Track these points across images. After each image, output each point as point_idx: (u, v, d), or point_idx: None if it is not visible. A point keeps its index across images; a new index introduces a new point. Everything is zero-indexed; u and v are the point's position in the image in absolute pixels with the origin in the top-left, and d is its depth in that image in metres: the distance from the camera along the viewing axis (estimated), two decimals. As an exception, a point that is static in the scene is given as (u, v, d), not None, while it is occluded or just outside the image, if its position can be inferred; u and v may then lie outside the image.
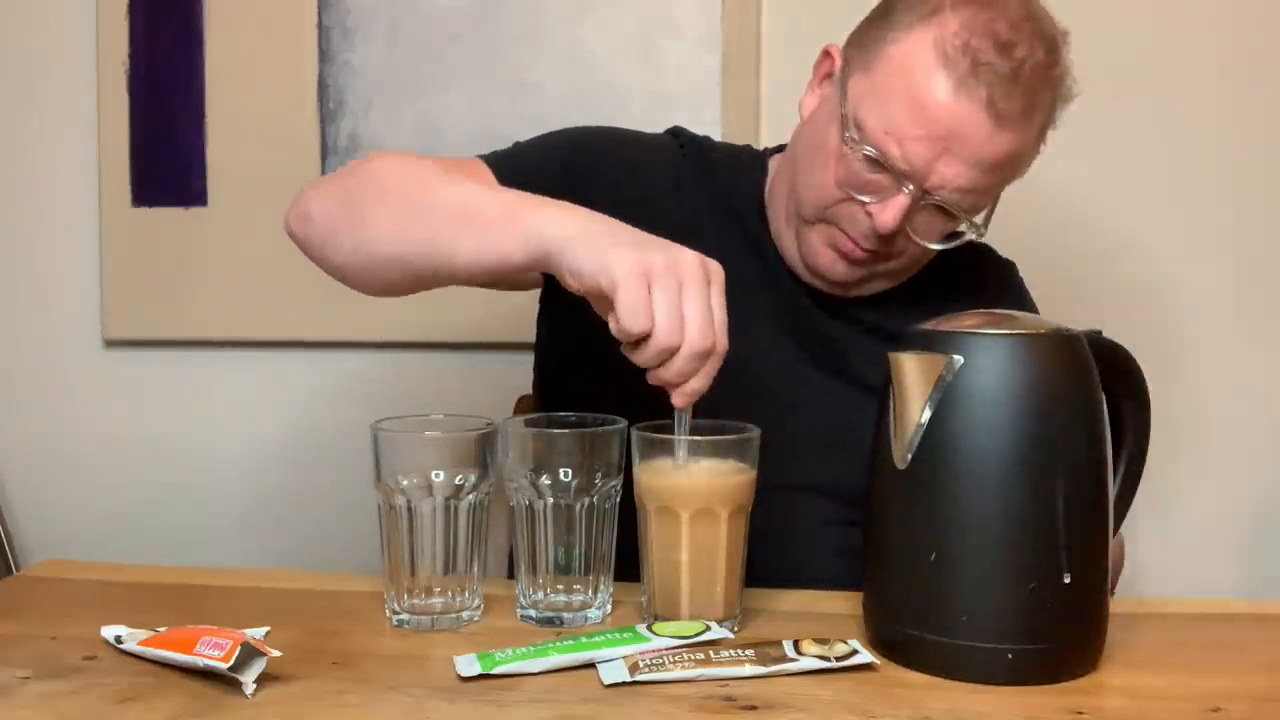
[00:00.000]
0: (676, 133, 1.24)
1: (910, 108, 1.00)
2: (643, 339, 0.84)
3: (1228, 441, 1.64)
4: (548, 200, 0.93)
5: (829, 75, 1.12)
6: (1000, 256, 1.27)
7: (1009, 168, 1.05)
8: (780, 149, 1.21)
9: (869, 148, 1.03)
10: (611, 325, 0.85)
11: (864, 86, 1.04)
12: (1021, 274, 1.25)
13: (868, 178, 1.04)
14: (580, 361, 1.13)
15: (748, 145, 1.30)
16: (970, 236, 1.08)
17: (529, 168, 1.12)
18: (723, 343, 0.86)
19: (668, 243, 0.88)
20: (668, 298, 0.84)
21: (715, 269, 0.87)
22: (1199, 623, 0.98)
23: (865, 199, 1.05)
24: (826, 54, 1.13)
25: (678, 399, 0.87)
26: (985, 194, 1.06)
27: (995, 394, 0.80)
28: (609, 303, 0.85)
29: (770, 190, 1.18)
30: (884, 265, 1.11)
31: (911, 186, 1.02)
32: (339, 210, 1.01)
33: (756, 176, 1.20)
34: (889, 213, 1.03)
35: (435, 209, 0.96)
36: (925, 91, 1.00)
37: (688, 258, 0.85)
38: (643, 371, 0.87)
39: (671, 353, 0.84)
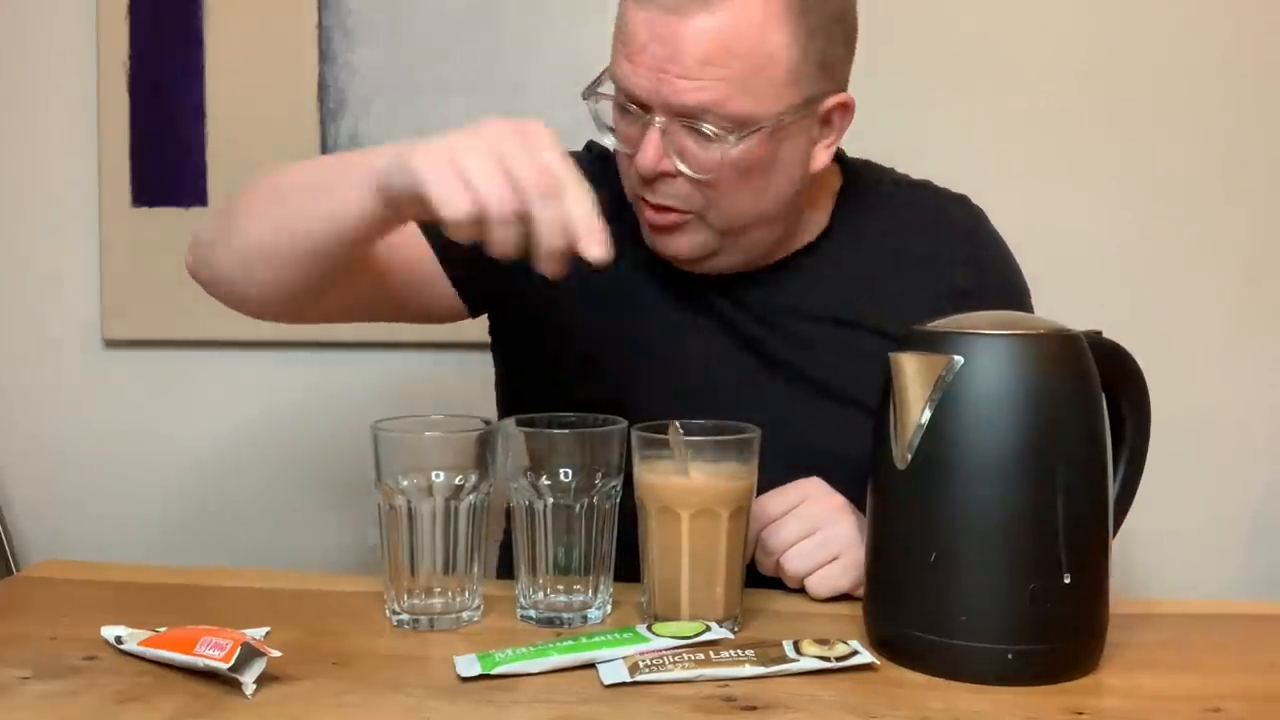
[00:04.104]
0: (590, 147, 1.21)
1: (619, 39, 1.02)
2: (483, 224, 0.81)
3: (1228, 441, 1.64)
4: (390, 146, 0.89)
5: None
6: (951, 194, 1.21)
7: (737, 56, 0.97)
8: None
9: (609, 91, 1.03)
10: (444, 228, 0.82)
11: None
12: (1023, 275, 1.24)
13: (626, 129, 1.04)
14: (542, 396, 1.11)
15: None
16: (717, 154, 0.99)
17: None
18: (573, 191, 0.82)
19: (486, 121, 0.84)
20: (482, 167, 0.80)
21: (533, 125, 0.83)
22: (1199, 623, 0.98)
23: (631, 150, 1.03)
24: None
25: (546, 267, 0.83)
26: (731, 99, 0.97)
27: (995, 394, 0.80)
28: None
29: None
30: (704, 226, 1.04)
31: (656, 117, 0.99)
32: (216, 227, 1.04)
33: None
34: (645, 150, 1.00)
35: (287, 191, 0.98)
36: (623, 20, 1.02)
37: (494, 126, 0.83)
38: (606, 393, 0.87)
39: (520, 218, 0.80)
